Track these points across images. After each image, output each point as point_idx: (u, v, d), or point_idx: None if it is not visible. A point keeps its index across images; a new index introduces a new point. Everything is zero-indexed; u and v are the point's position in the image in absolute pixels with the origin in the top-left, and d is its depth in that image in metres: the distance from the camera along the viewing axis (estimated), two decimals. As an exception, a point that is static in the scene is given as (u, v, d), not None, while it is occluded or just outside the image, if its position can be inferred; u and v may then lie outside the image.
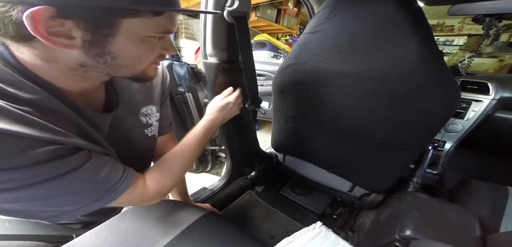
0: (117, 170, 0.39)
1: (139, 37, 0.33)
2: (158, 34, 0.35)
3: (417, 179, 1.01)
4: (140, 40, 0.33)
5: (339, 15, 0.63)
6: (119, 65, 0.34)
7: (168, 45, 0.40)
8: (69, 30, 0.27)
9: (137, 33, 0.32)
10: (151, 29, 0.33)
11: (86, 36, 0.28)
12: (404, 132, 0.62)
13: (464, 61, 1.25)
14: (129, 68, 0.36)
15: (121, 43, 0.31)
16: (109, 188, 0.37)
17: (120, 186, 0.38)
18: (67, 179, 0.32)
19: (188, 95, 0.98)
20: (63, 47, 0.28)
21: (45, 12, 0.25)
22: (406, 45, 0.54)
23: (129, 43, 0.32)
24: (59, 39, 0.27)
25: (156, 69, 0.42)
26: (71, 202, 0.35)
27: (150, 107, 0.53)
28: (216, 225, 0.56)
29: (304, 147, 0.87)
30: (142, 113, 0.52)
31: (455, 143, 1.08)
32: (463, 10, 0.71)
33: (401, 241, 0.63)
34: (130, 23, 0.30)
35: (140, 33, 0.32)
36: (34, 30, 0.25)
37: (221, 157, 1.17)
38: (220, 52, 0.76)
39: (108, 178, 0.37)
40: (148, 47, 0.35)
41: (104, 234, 0.50)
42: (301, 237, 0.54)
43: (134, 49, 0.33)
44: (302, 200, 1.05)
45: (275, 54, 2.36)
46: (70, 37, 0.28)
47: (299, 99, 0.75)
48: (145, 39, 0.34)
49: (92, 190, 0.36)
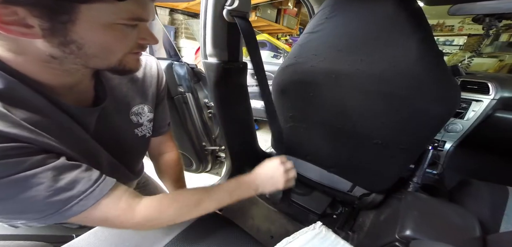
0: (88, 180, 0.34)
1: (104, 24, 0.30)
2: (126, 21, 0.31)
3: (417, 179, 1.01)
4: (106, 27, 0.30)
5: (339, 15, 0.63)
6: (88, 55, 0.31)
7: (146, 35, 0.36)
8: (24, 18, 0.25)
9: (100, 20, 0.29)
10: (117, 16, 0.30)
11: (44, 24, 0.26)
12: (404, 132, 0.61)
13: (464, 61, 1.25)
14: (101, 59, 0.33)
15: (84, 31, 0.28)
16: (67, 200, 0.32)
17: (82, 200, 0.33)
18: (20, 181, 0.28)
19: (188, 95, 0.98)
20: (21, 36, 0.26)
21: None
22: (406, 45, 0.54)
23: (93, 31, 0.29)
24: (15, 27, 0.25)
25: (137, 61, 0.39)
26: (19, 210, 0.31)
27: (141, 106, 0.51)
28: (216, 225, 0.56)
29: (304, 147, 0.87)
30: (133, 113, 0.50)
31: (455, 143, 1.08)
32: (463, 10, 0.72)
33: (401, 241, 0.63)
34: (90, 9, 0.27)
35: (104, 19, 0.29)
36: None
37: (221, 157, 1.17)
38: (220, 52, 0.76)
39: (71, 187, 0.32)
40: (118, 36, 0.32)
41: (104, 234, 0.50)
42: (301, 237, 0.54)
43: (100, 37, 0.30)
44: (302, 199, 1.05)
45: (275, 54, 2.36)
46: (27, 26, 0.26)
47: (299, 99, 0.75)
48: (112, 27, 0.30)
49: (46, 204, 0.31)
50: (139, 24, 0.34)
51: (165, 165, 0.65)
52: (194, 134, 1.05)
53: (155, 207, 0.40)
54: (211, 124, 1.06)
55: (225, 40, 0.74)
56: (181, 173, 0.69)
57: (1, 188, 0.28)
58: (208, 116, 1.03)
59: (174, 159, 0.66)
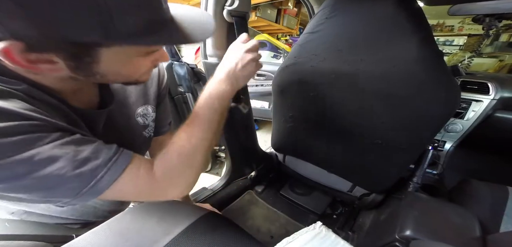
0: (107, 149, 0.33)
1: (125, 59, 0.33)
2: (145, 55, 0.35)
3: (417, 179, 1.01)
4: (126, 61, 0.33)
5: (339, 15, 0.63)
6: (110, 80, 0.35)
7: (160, 57, 0.39)
8: (50, 58, 0.27)
9: (121, 56, 0.32)
10: (136, 52, 0.33)
11: (69, 63, 0.28)
12: (404, 132, 0.62)
13: (464, 61, 1.25)
14: (122, 79, 0.37)
15: (107, 66, 0.31)
16: (95, 170, 0.31)
17: (110, 169, 0.32)
18: (44, 153, 0.28)
19: (188, 95, 0.98)
20: (48, 72, 0.28)
21: (15, 47, 0.25)
22: (406, 45, 0.54)
23: (115, 64, 0.32)
24: (42, 65, 0.27)
25: (149, 74, 0.41)
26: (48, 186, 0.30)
27: (146, 107, 0.52)
28: (216, 225, 0.56)
29: (304, 147, 0.87)
30: (139, 114, 0.50)
31: (455, 143, 1.08)
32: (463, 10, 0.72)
33: (401, 241, 0.63)
34: (110, 51, 0.30)
35: (124, 56, 0.32)
36: (13, 62, 0.25)
37: (221, 157, 1.17)
38: (220, 52, 0.76)
39: (95, 156, 0.32)
40: (137, 64, 0.35)
41: (104, 234, 0.50)
42: (301, 237, 0.54)
43: (121, 68, 0.33)
44: (302, 200, 1.05)
45: (275, 54, 2.36)
46: (52, 63, 0.27)
47: (299, 99, 0.75)
48: (132, 59, 0.33)
49: (75, 176, 0.30)
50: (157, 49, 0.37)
51: None
52: (194, 134, 1.05)
53: (168, 160, 0.39)
54: (211, 124, 1.06)
55: (225, 40, 0.74)
56: None
57: (25, 163, 0.27)
58: (208, 116, 1.03)
59: None
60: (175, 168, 0.39)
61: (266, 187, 1.11)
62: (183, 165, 0.40)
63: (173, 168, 0.39)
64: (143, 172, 0.36)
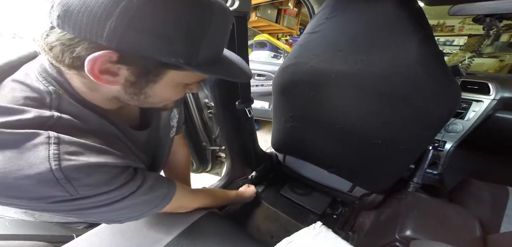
0: (162, 182, 0.44)
1: (175, 84, 0.35)
2: (194, 83, 0.38)
3: (417, 179, 1.01)
4: (176, 86, 0.35)
5: (340, 15, 0.63)
6: (148, 102, 0.36)
7: (194, 88, 0.41)
8: (118, 70, 0.29)
9: (176, 81, 0.34)
10: (190, 79, 0.36)
11: (131, 78, 0.30)
12: (404, 132, 0.61)
13: (465, 61, 1.25)
14: (154, 104, 0.38)
15: (158, 88, 0.33)
16: (162, 196, 0.43)
17: (169, 194, 0.44)
18: (137, 194, 0.36)
19: (188, 95, 0.97)
20: (106, 83, 0.30)
21: (108, 57, 0.26)
22: (407, 45, 0.54)
23: (165, 88, 0.34)
24: (105, 76, 0.29)
25: (174, 102, 0.44)
26: (138, 210, 0.40)
27: (173, 110, 0.56)
28: (216, 225, 0.56)
29: (304, 147, 0.87)
30: (171, 118, 0.55)
31: (455, 143, 1.08)
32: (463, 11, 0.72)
33: (401, 241, 0.63)
34: (173, 74, 0.32)
35: (178, 81, 0.34)
36: (90, 71, 0.27)
37: (221, 157, 1.17)
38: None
39: (159, 188, 0.42)
40: (179, 91, 0.37)
41: (104, 234, 0.50)
42: (301, 237, 0.54)
43: (167, 92, 0.35)
44: (302, 200, 1.05)
45: (275, 54, 2.36)
46: (115, 75, 0.29)
47: (299, 99, 0.75)
48: (180, 85, 0.36)
49: (150, 200, 0.40)
50: None
51: (176, 162, 0.68)
52: (194, 134, 1.05)
53: (206, 199, 0.60)
54: (211, 124, 1.06)
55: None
56: (189, 169, 0.75)
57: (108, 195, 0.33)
58: (208, 116, 1.03)
59: (185, 155, 0.70)
60: (195, 206, 0.58)
61: (266, 187, 1.11)
62: (202, 204, 0.60)
63: (195, 206, 0.58)
64: (187, 198, 0.54)
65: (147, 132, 0.46)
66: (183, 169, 0.71)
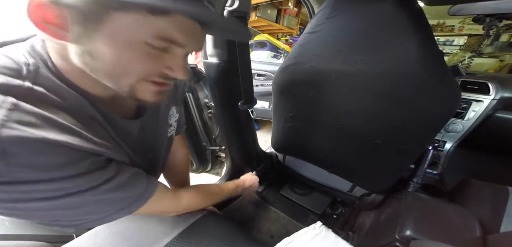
0: (141, 179, 0.39)
1: (127, 39, 0.27)
2: (154, 41, 0.27)
3: (417, 179, 1.01)
4: (127, 43, 0.27)
5: (339, 15, 0.63)
6: (101, 71, 0.29)
7: (175, 65, 0.31)
8: (66, 20, 0.25)
9: (125, 33, 0.26)
10: (144, 32, 0.27)
11: (76, 29, 0.26)
12: (404, 132, 0.61)
13: (465, 61, 1.25)
14: (112, 78, 0.30)
15: (103, 42, 0.26)
16: (135, 196, 0.37)
17: (143, 196, 0.39)
18: (101, 189, 0.31)
19: (188, 95, 0.98)
20: (53, 37, 0.26)
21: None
22: (406, 45, 0.54)
23: (112, 44, 0.27)
24: (52, 27, 0.25)
25: (155, 94, 0.33)
26: (100, 210, 0.35)
27: (172, 108, 0.53)
28: (216, 225, 0.56)
29: (304, 147, 0.87)
30: (169, 116, 0.52)
31: (455, 143, 1.08)
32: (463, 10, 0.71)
33: (401, 241, 0.63)
34: (120, 19, 0.25)
35: (129, 34, 0.26)
36: (29, 15, 0.24)
37: (221, 157, 1.17)
38: (221, 52, 0.76)
39: (134, 187, 0.37)
40: (137, 55, 0.28)
41: (104, 234, 0.50)
42: (301, 237, 0.54)
43: (116, 52, 0.27)
44: (302, 200, 1.05)
45: (275, 54, 2.36)
46: (63, 28, 0.26)
47: (299, 99, 0.75)
48: (135, 44, 0.27)
49: (120, 199, 0.35)
50: (171, 50, 0.30)
51: (175, 162, 0.67)
52: (194, 134, 1.05)
53: (193, 199, 0.55)
54: (211, 124, 1.06)
55: (226, 40, 0.74)
56: (188, 170, 0.73)
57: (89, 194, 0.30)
58: (208, 116, 1.03)
59: (184, 156, 0.69)
60: (194, 208, 0.56)
61: (266, 187, 1.11)
62: (198, 205, 0.57)
63: (194, 208, 0.56)
64: (169, 199, 0.48)
65: (140, 123, 0.41)
66: (182, 170, 0.69)
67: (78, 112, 0.30)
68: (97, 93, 0.33)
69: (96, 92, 0.33)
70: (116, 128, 0.36)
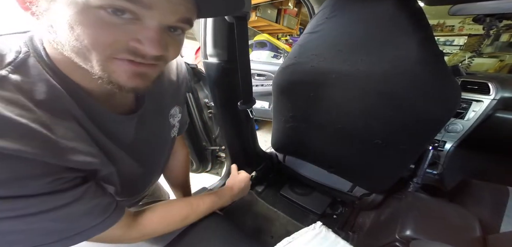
0: (102, 209, 0.34)
1: (82, 6, 0.23)
2: (107, 4, 0.23)
3: (417, 179, 1.01)
4: (83, 10, 0.23)
5: (340, 15, 0.63)
6: (64, 46, 0.25)
7: (142, 35, 0.26)
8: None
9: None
10: None
11: (41, 2, 0.24)
12: (404, 132, 0.61)
13: (465, 61, 1.25)
14: (79, 55, 0.26)
15: (60, 10, 0.23)
16: (84, 228, 0.32)
17: (96, 226, 0.33)
18: (50, 214, 0.27)
19: (188, 95, 0.97)
20: (24, 9, 0.25)
21: None
22: (407, 45, 0.54)
23: (67, 11, 0.23)
24: (27, 4, 0.25)
25: (132, 76, 0.28)
26: (29, 240, 0.28)
27: (175, 108, 0.51)
28: (216, 225, 0.56)
29: (304, 147, 0.87)
30: (171, 115, 0.50)
31: (455, 143, 1.08)
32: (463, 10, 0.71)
33: (401, 241, 0.63)
34: None
35: None
36: None
37: (221, 157, 1.16)
38: (221, 52, 0.76)
39: (89, 217, 0.32)
40: (96, 22, 0.24)
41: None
42: (301, 237, 0.54)
43: (72, 20, 0.23)
44: (302, 200, 1.05)
45: (275, 54, 2.36)
46: (32, 2, 0.25)
47: (299, 99, 0.75)
48: (90, 11, 0.23)
49: (61, 230, 0.30)
50: (140, 19, 0.26)
51: (175, 162, 0.66)
52: (194, 133, 1.05)
53: (150, 226, 0.44)
54: (211, 124, 1.06)
55: (226, 40, 0.74)
56: (188, 171, 0.71)
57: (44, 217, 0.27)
58: (208, 116, 1.03)
59: (184, 156, 0.68)
60: (154, 235, 0.46)
61: (266, 187, 1.11)
62: (161, 234, 0.47)
63: (153, 235, 0.46)
64: (123, 229, 0.39)
65: (136, 119, 0.38)
66: (182, 170, 0.68)
67: (51, 107, 0.27)
68: (88, 85, 0.30)
69: (88, 84, 0.30)
70: (104, 125, 0.33)
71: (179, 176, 0.69)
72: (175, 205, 0.51)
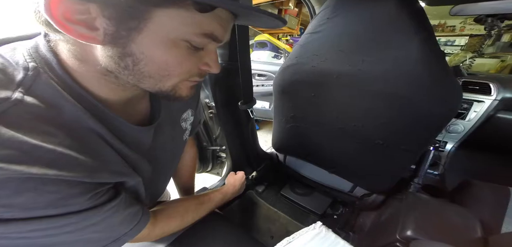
0: (133, 216, 0.35)
1: (170, 39, 0.25)
2: (197, 38, 0.26)
3: (418, 179, 1.01)
4: (171, 43, 0.26)
5: (341, 16, 0.63)
6: (142, 74, 0.27)
7: (211, 60, 0.31)
8: (94, 19, 0.23)
9: (169, 32, 0.25)
10: (189, 30, 0.25)
11: (109, 29, 0.23)
12: (405, 132, 0.61)
13: (466, 61, 1.24)
14: (155, 81, 0.28)
15: (146, 44, 0.25)
16: (120, 235, 0.34)
17: (129, 233, 0.35)
18: (93, 228, 0.29)
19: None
20: (80, 38, 0.23)
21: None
22: (408, 46, 0.54)
23: (156, 45, 0.25)
24: (77, 27, 0.22)
25: (191, 89, 0.33)
26: None
27: (187, 111, 0.50)
28: (216, 225, 0.56)
29: (305, 147, 0.87)
30: (183, 119, 0.49)
31: (456, 143, 1.08)
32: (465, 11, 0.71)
33: (402, 242, 0.63)
34: (162, 17, 0.24)
35: (173, 33, 0.25)
36: (47, 11, 0.21)
37: (222, 157, 1.17)
38: (222, 52, 0.76)
39: (123, 225, 0.34)
40: (181, 55, 0.27)
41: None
42: (301, 237, 0.54)
43: (161, 54, 0.26)
44: (303, 200, 1.05)
45: (276, 55, 2.36)
46: (92, 28, 0.23)
47: (300, 99, 0.75)
48: (178, 44, 0.26)
49: (105, 238, 0.33)
50: (207, 46, 0.30)
51: (183, 162, 0.66)
52: (195, 133, 1.05)
53: (170, 223, 0.47)
54: (212, 124, 1.06)
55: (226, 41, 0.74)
56: (195, 170, 0.72)
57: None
58: (209, 116, 1.03)
59: (193, 155, 0.68)
60: (171, 230, 0.48)
61: (267, 187, 1.11)
62: (176, 229, 0.50)
63: (169, 232, 0.48)
64: (146, 231, 0.40)
65: (154, 130, 0.39)
66: (189, 169, 0.68)
67: (75, 128, 0.27)
68: (111, 98, 0.31)
69: (111, 97, 0.31)
70: (124, 136, 0.33)
71: (186, 175, 0.69)
72: (187, 202, 0.53)
